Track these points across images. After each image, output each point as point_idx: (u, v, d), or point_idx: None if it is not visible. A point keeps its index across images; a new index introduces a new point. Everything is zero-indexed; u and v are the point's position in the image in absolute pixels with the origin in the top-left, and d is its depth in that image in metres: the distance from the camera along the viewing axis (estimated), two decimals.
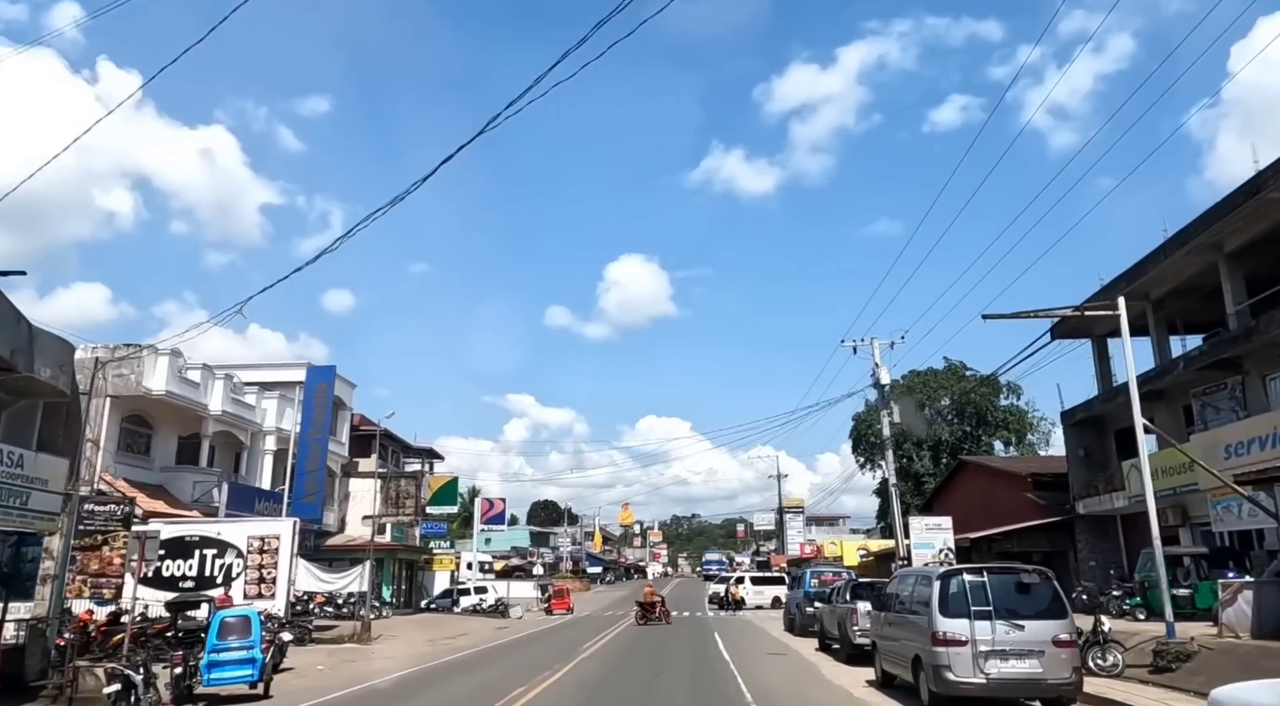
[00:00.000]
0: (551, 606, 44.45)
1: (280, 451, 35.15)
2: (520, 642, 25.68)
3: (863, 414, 59.61)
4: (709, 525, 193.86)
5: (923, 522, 30.72)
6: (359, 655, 22.36)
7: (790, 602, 28.37)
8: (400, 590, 39.48)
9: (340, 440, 41.08)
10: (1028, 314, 14.81)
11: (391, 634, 28.85)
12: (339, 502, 41.69)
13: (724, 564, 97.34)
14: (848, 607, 17.76)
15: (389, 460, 45.93)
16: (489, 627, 34.14)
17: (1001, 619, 10.70)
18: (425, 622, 34.60)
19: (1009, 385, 54.50)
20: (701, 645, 22.53)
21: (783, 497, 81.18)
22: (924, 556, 30.38)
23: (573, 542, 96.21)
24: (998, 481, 35.64)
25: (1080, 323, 29.47)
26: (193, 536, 25.74)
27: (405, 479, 43.30)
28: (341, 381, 41.19)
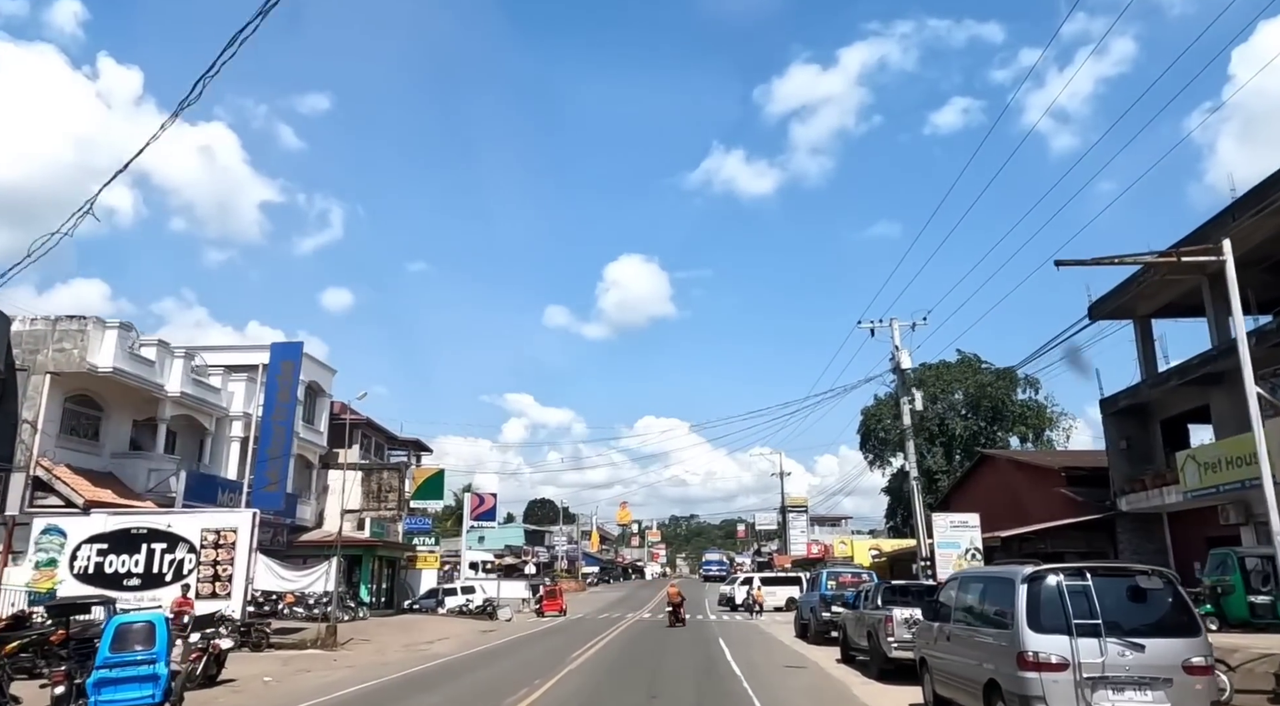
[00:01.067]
0: (543, 608, 41.85)
1: (249, 439, 32.54)
2: (503, 649, 23.07)
3: (872, 408, 57.04)
4: (707, 526, 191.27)
5: (947, 519, 28.08)
6: (318, 663, 19.72)
7: (803, 606, 25.76)
8: (380, 590, 36.88)
9: (317, 428, 38.45)
10: (1107, 260, 12.20)
11: (364, 638, 26.21)
12: (316, 496, 39.04)
13: (724, 564, 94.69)
14: (880, 615, 15.13)
15: (372, 452, 43.29)
16: (473, 631, 31.52)
17: (1114, 636, 8.08)
18: (405, 625, 31.96)
19: (1027, 378, 51.90)
20: (706, 655, 19.90)
21: (785, 496, 78.57)
22: (948, 557, 27.76)
23: (569, 541, 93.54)
24: (1024, 476, 33.03)
25: (1125, 302, 27.01)
26: (139, 528, 23.13)
27: (388, 471, 40.63)
28: (319, 366, 38.57)
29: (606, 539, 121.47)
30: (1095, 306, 27.11)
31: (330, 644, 22.67)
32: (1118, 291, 26.46)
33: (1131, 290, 25.87)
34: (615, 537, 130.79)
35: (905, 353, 29.19)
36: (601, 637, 25.88)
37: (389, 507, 40.13)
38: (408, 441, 47.06)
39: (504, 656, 20.77)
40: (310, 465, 38.57)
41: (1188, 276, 23.10)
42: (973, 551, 27.57)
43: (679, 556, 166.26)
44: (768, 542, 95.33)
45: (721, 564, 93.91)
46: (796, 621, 26.65)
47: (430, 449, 49.32)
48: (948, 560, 27.58)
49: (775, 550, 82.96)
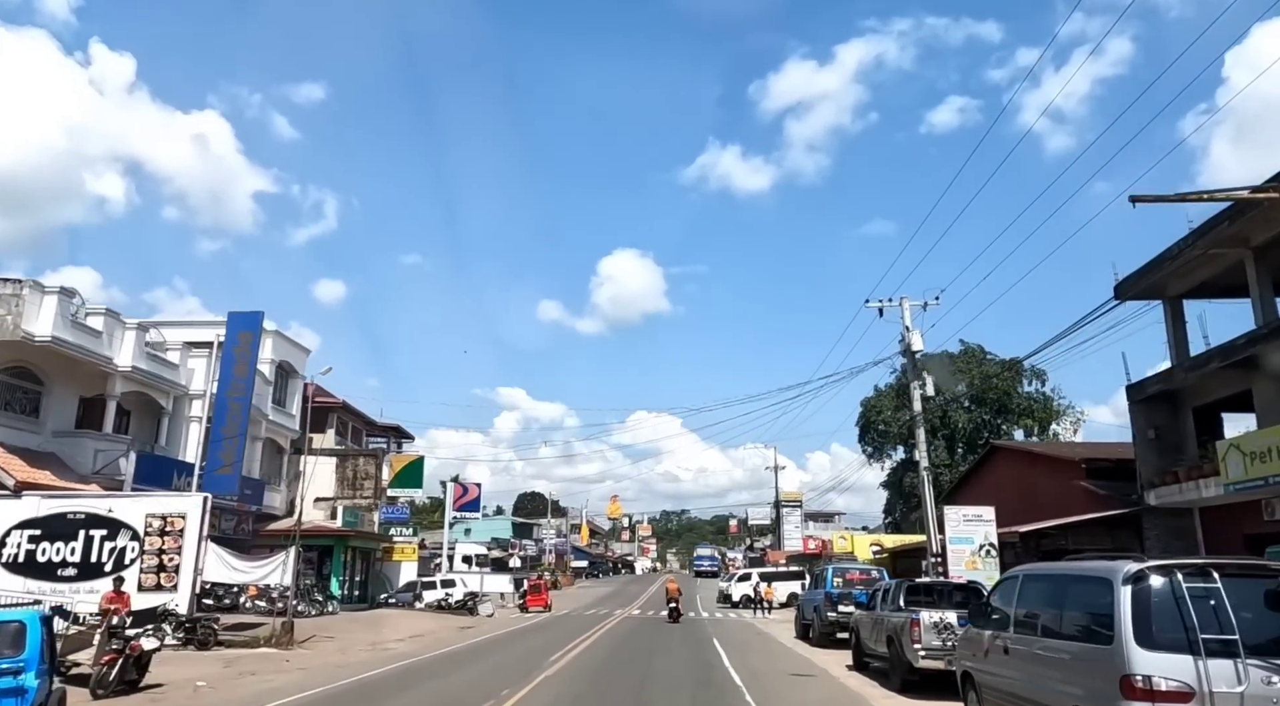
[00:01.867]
0: (527, 603, 39.81)
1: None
2: (477, 650, 21.00)
3: (872, 399, 55.11)
4: (699, 521, 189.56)
5: (959, 513, 26.10)
6: (268, 664, 17.62)
7: (805, 605, 23.76)
8: (353, 583, 34.79)
9: (289, 411, 36.29)
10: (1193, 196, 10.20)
11: (328, 635, 24.13)
12: (287, 483, 36.88)
13: (715, 560, 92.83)
14: (903, 618, 13.10)
15: (349, 437, 41.15)
16: (450, 627, 29.45)
17: (1257, 656, 6.06)
18: (376, 621, 29.87)
19: (1034, 370, 49.99)
20: (701, 659, 17.88)
21: (779, 491, 76.68)
22: (961, 553, 25.79)
23: (558, 534, 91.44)
24: (1040, 468, 31.08)
25: (1156, 281, 25.05)
26: (76, 513, 20.95)
27: (364, 457, 38.54)
28: (292, 345, 36.41)
29: (597, 533, 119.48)
30: (1123, 285, 25.09)
31: (286, 642, 20.56)
32: (1148, 269, 24.44)
33: (1163, 267, 23.80)
34: (605, 532, 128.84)
35: (917, 334, 27.18)
36: (586, 637, 23.85)
37: (365, 496, 38.07)
38: (387, 427, 44.92)
39: (476, 658, 18.70)
40: (281, 450, 36.42)
41: (1230, 251, 21.28)
42: (987, 547, 25.61)
43: (670, 551, 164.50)
44: (761, 538, 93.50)
45: (713, 559, 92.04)
46: (798, 621, 24.66)
47: (411, 436, 47.31)
48: (960, 557, 25.62)
49: (769, 545, 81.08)
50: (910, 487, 51.31)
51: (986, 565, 25.41)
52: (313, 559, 33.17)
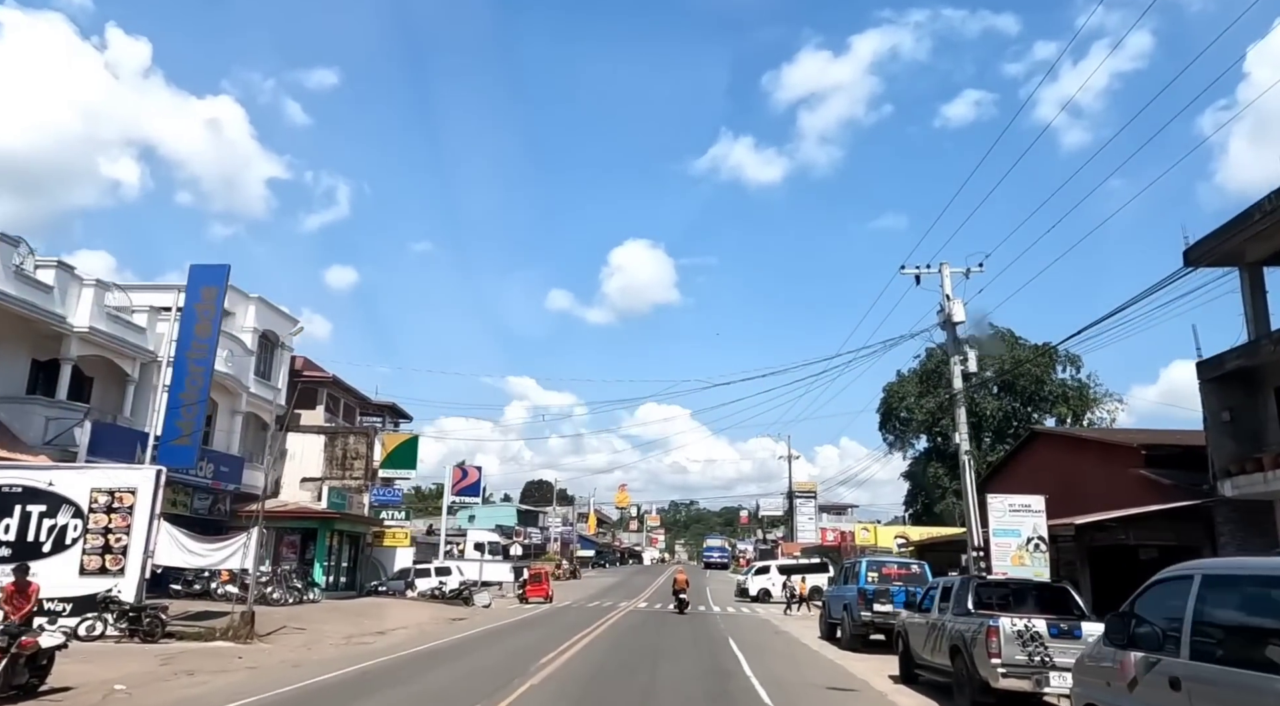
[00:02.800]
0: (527, 593, 37.39)
1: None
2: (460, 647, 18.52)
3: (894, 385, 52.29)
4: (707, 512, 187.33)
5: (1005, 502, 23.40)
6: (211, 663, 15.17)
7: (832, 602, 21.16)
8: (339, 568, 32.43)
9: (273, 384, 33.90)
10: None
11: (299, 627, 21.72)
12: (274, 461, 34.51)
13: (725, 551, 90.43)
14: (975, 625, 10.48)
15: (340, 415, 38.76)
16: (440, 619, 27.05)
17: None
18: (360, 610, 27.49)
19: (1068, 355, 47.09)
20: (715, 665, 15.33)
21: (793, 481, 74.04)
22: (1006, 547, 23.12)
23: (564, 523, 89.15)
24: (1088, 456, 28.32)
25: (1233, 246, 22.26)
26: (11, 486, 18.58)
27: (355, 436, 36.13)
28: (277, 313, 33.98)
29: (604, 522, 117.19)
30: (1193, 250, 22.33)
31: (245, 635, 18.11)
32: (1224, 232, 21.67)
33: (1241, 230, 21.05)
34: (613, 521, 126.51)
35: (958, 303, 24.45)
36: (586, 633, 21.35)
37: (355, 476, 35.68)
38: (382, 406, 42.50)
39: (455, 658, 16.20)
40: (265, 426, 34.01)
41: None
42: (1036, 541, 22.95)
43: (678, 542, 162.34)
44: (773, 529, 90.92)
45: (723, 551, 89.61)
46: (823, 620, 22.06)
47: (408, 415, 44.87)
48: (1005, 551, 22.95)
49: (781, 537, 78.53)
50: (934, 479, 48.60)
51: (1035, 560, 22.75)
52: (295, 543, 30.85)
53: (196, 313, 20.55)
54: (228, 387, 29.78)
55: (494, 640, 20.06)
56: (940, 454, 50.10)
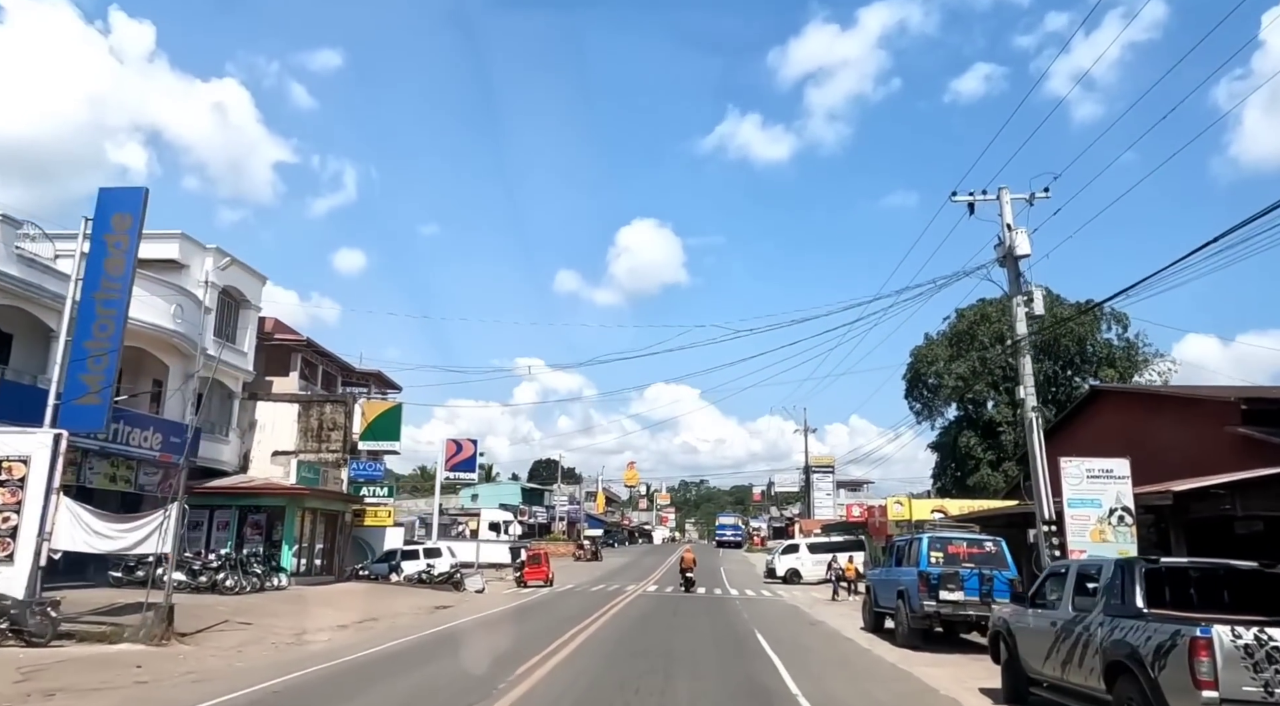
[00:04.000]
0: (524, 576, 34.01)
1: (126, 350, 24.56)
2: (427, 648, 15.03)
3: (923, 349, 48.48)
4: (717, 491, 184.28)
5: (1081, 467, 19.71)
6: (97, 675, 11.69)
7: (879, 588, 17.54)
8: (313, 550, 29.06)
9: (239, 348, 30.38)
10: None
11: (244, 621, 18.29)
12: (242, 433, 31.11)
13: (739, 529, 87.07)
14: (1161, 634, 6.78)
15: (319, 384, 35.27)
16: (420, 608, 23.64)
17: None
18: (329, 599, 24.11)
19: (1113, 314, 43.20)
20: (746, 673, 11.77)
21: (809, 455, 70.44)
22: (1084, 520, 19.48)
23: (570, 501, 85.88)
24: (1166, 415, 24.54)
25: None
26: None
27: (331, 404, 32.62)
28: (240, 268, 30.39)
29: (613, 501, 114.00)
30: None
31: (160, 636, 14.61)
32: None
33: None
34: (622, 501, 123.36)
35: (1022, 234, 20.62)
36: (583, 628, 17.84)
37: (332, 449, 32.22)
38: (367, 374, 38.98)
39: (410, 667, 12.67)
40: (232, 394, 30.57)
41: None
42: (1120, 512, 19.29)
43: (688, 521, 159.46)
44: (789, 505, 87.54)
45: (737, 529, 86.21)
46: (867, 608, 18.45)
47: (397, 385, 41.28)
48: (1083, 525, 19.28)
49: (797, 514, 75.11)
50: (967, 449, 44.88)
51: (1119, 536, 19.06)
52: (260, 523, 27.42)
53: (107, 245, 16.99)
54: (179, 348, 26.28)
55: (474, 636, 16.56)
56: (973, 422, 46.39)
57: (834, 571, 28.12)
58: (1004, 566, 14.71)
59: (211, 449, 28.66)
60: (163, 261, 27.06)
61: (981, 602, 14.36)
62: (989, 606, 14.33)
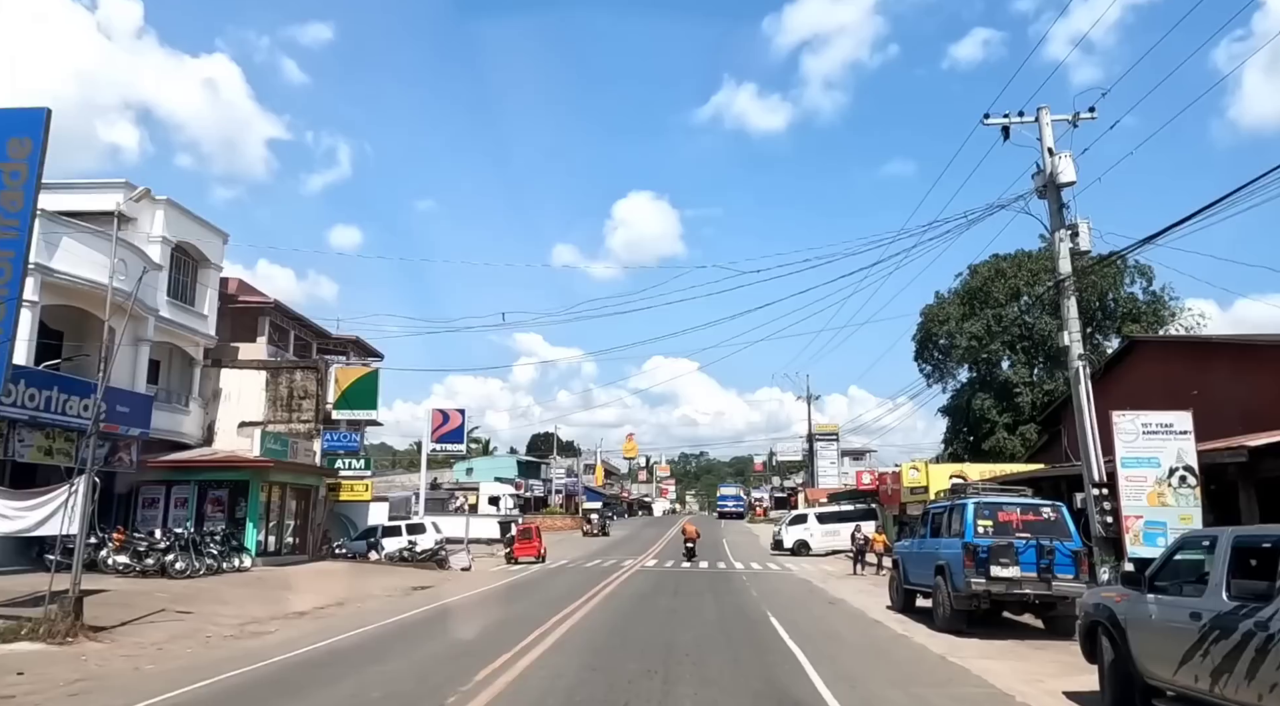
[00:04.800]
0: (515, 552, 31.89)
1: (56, 308, 22.24)
2: (390, 639, 12.79)
3: (933, 308, 46.03)
4: (717, 463, 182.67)
5: (1137, 422, 17.42)
6: None
7: (910, 563, 15.26)
8: (282, 528, 26.81)
9: (198, 311, 27.92)
10: None
11: (184, 609, 16.06)
12: (205, 404, 28.75)
13: (740, 500, 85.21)
14: None
15: (291, 350, 32.83)
16: (397, 590, 21.46)
17: None
18: (293, 582, 21.87)
19: (1138, 267, 40.72)
20: (765, 675, 9.51)
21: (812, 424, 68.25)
22: (1141, 481, 17.20)
23: (568, 474, 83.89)
24: (1217, 365, 22.21)
25: None
26: None
27: (302, 371, 30.21)
28: (197, 223, 27.85)
29: (612, 474, 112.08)
30: None
31: (65, 632, 12.30)
32: None
33: None
34: (622, 473, 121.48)
35: (1066, 158, 18.09)
36: (573, 609, 15.62)
37: (304, 419, 29.86)
38: (345, 341, 36.51)
39: (358, 667, 10.37)
40: (192, 361, 28.16)
41: None
42: (1181, 472, 17.00)
43: (689, 493, 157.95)
44: (792, 475, 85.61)
45: (738, 499, 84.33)
46: (895, 585, 16.19)
47: (379, 353, 38.83)
48: (1139, 487, 16.98)
49: (801, 483, 73.10)
50: (981, 412, 42.58)
51: (1181, 499, 16.77)
52: (222, 499, 25.14)
53: (2, 176, 14.55)
54: (125, 309, 23.78)
55: (436, 628, 14.28)
56: (986, 384, 44.07)
57: (857, 543, 25.72)
58: (1066, 536, 12.43)
59: (170, 420, 26.29)
60: (105, 214, 24.47)
61: (1039, 579, 12.07)
62: (1049, 583, 12.05)
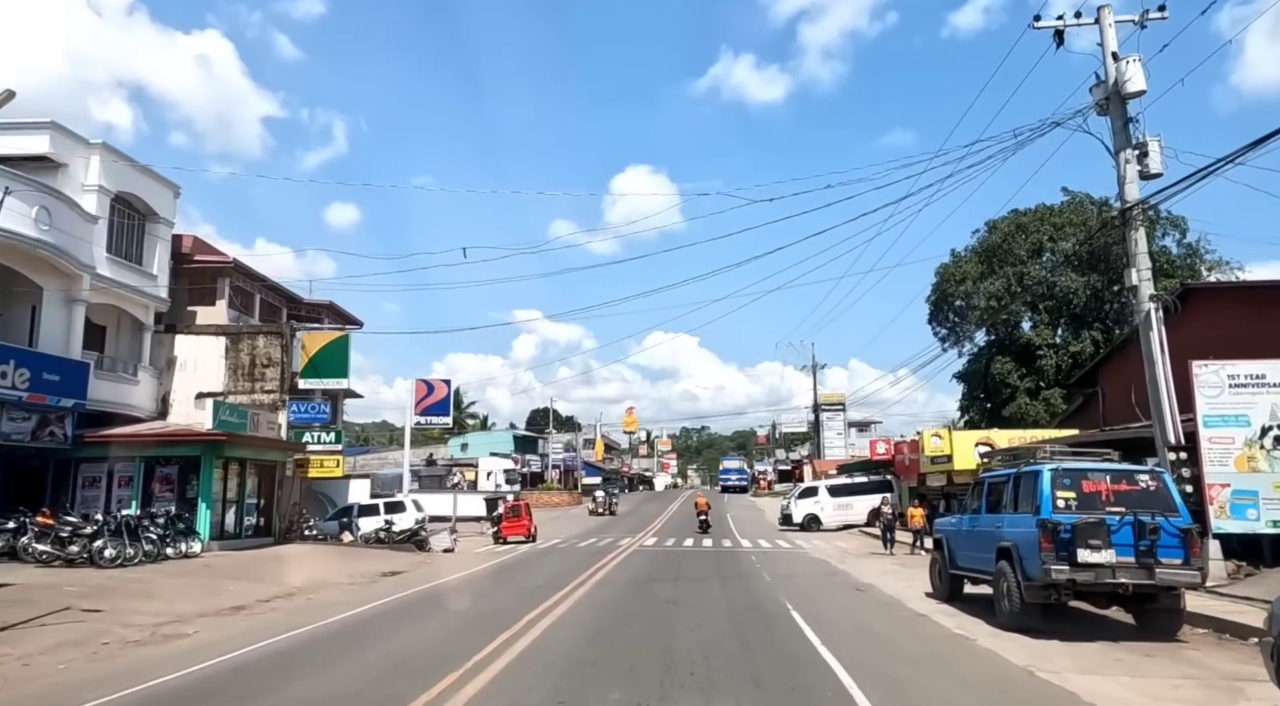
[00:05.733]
0: (503, 531, 29.49)
1: None
2: (327, 645, 10.27)
3: (950, 267, 43.25)
4: (719, 437, 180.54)
5: (1222, 372, 14.90)
6: None
7: (959, 543, 12.65)
8: (242, 507, 24.27)
9: (146, 270, 25.23)
10: None
11: (92, 608, 13.54)
12: (158, 373, 26.16)
13: (744, 473, 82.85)
14: None
15: (257, 316, 30.10)
16: (363, 577, 19.00)
17: None
18: (249, 568, 19.37)
19: (1170, 219, 37.89)
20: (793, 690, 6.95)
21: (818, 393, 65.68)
22: (1226, 443, 14.71)
23: (565, 449, 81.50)
24: None
25: None
26: None
27: (266, 337, 27.55)
28: (145, 174, 25.08)
29: (612, 448, 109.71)
30: None
31: None
32: None
33: None
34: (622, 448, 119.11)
35: (1133, 62, 15.30)
36: (555, 603, 13.09)
37: (268, 389, 27.26)
38: (318, 306, 33.76)
39: (264, 692, 7.82)
40: (141, 325, 25.51)
41: None
42: (1277, 431, 14.46)
43: (690, 467, 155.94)
44: (797, 447, 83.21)
45: (742, 473, 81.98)
46: (937, 570, 13.62)
47: (358, 320, 36.09)
48: (1225, 451, 14.54)
49: (807, 455, 70.68)
50: (1001, 376, 39.94)
51: (1276, 464, 14.26)
52: (170, 477, 22.61)
53: None
54: (54, 265, 21.14)
55: (388, 628, 11.74)
56: (1005, 346, 41.41)
57: (886, 517, 22.79)
58: (1170, 510, 9.81)
59: (116, 390, 23.71)
60: (31, 158, 21.81)
61: (1139, 565, 9.49)
62: (1151, 570, 9.47)
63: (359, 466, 61.83)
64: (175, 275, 27.46)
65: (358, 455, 68.73)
